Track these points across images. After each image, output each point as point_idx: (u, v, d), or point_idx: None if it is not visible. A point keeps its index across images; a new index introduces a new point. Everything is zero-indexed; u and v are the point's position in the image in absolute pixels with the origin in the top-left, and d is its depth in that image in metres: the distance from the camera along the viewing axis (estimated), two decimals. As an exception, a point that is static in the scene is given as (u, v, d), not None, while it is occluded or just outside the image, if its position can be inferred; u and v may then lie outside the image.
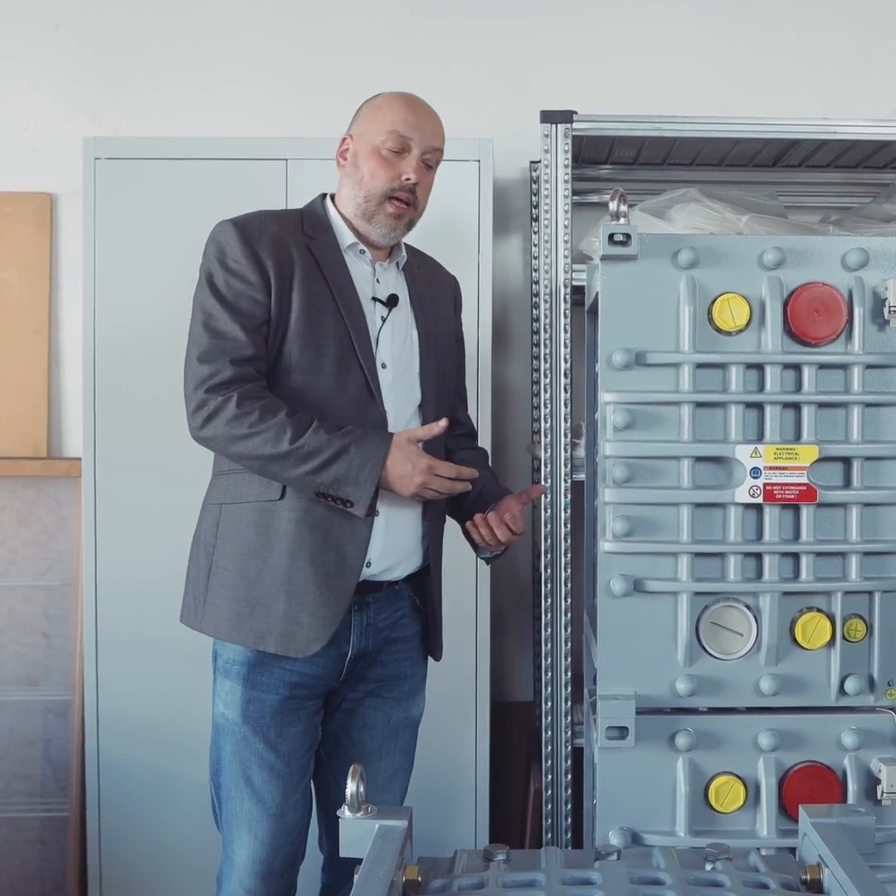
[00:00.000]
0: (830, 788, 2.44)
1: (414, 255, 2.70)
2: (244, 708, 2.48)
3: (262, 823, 2.50)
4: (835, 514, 2.44)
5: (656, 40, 3.74)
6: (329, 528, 2.45)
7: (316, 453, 2.38)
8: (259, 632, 2.45)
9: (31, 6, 3.71)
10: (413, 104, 2.56)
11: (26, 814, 3.53)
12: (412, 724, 2.68)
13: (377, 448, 2.40)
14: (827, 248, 2.44)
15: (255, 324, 2.44)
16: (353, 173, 2.54)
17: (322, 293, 2.48)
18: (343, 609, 2.44)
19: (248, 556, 2.47)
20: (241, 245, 2.46)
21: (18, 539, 3.57)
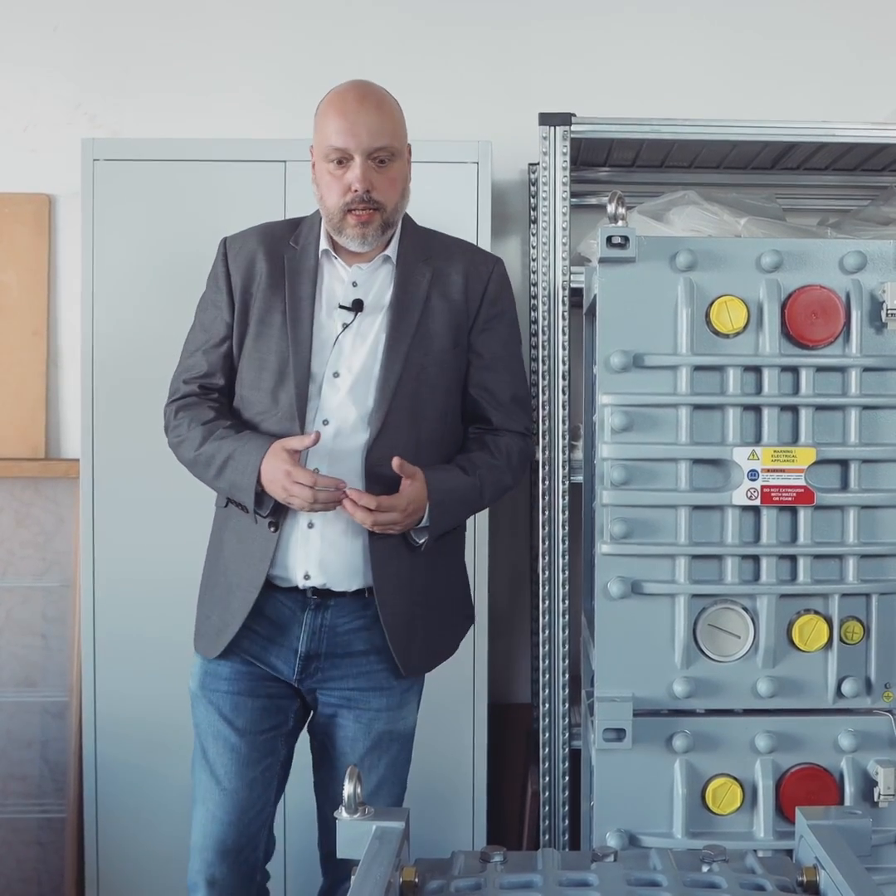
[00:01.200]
0: (827, 790, 2.44)
1: (428, 244, 2.62)
2: (202, 679, 2.55)
3: (213, 796, 2.53)
4: (832, 517, 2.44)
5: (655, 45, 3.74)
6: (247, 539, 2.51)
7: (212, 460, 2.49)
8: (197, 631, 2.61)
9: (31, 8, 3.71)
10: (346, 107, 2.47)
11: (23, 815, 3.52)
12: (400, 738, 2.61)
13: (255, 453, 2.43)
14: (825, 252, 2.44)
15: (215, 340, 2.57)
16: (316, 190, 2.54)
17: (276, 307, 2.51)
18: (240, 620, 2.48)
19: (208, 559, 2.63)
20: (220, 262, 2.59)
21: (16, 540, 3.57)
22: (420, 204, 3.32)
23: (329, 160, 2.47)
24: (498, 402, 2.61)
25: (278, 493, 2.40)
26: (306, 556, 2.48)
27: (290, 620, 2.51)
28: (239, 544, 2.53)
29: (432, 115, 3.68)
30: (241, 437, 2.49)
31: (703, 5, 3.75)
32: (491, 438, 2.60)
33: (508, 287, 2.66)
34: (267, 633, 2.52)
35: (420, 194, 3.34)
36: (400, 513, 2.41)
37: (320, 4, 3.73)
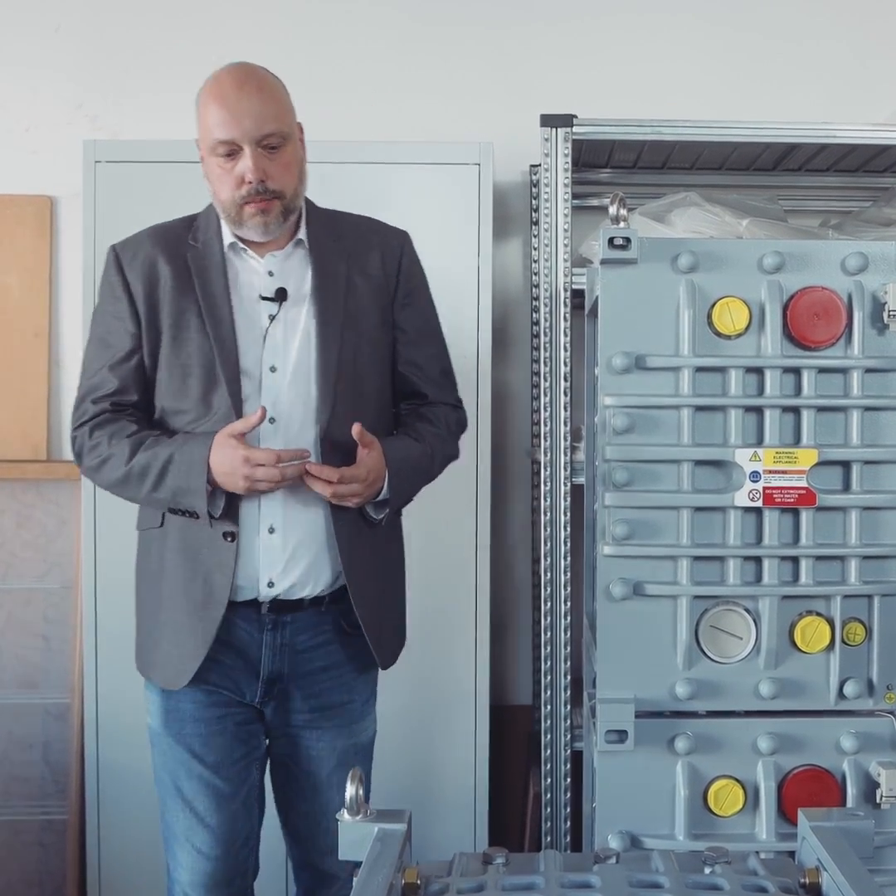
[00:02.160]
0: (829, 792, 2.44)
1: (336, 224, 2.53)
2: (165, 718, 2.46)
3: (198, 834, 2.46)
4: (834, 518, 2.44)
5: (657, 47, 3.74)
6: (199, 556, 2.37)
7: (147, 470, 2.34)
8: (147, 661, 2.48)
9: (32, 9, 3.72)
10: (226, 96, 2.34)
11: (25, 817, 3.52)
12: (362, 750, 2.56)
13: (199, 450, 2.31)
14: (826, 253, 2.44)
15: (121, 355, 2.42)
16: (209, 186, 2.43)
17: (189, 308, 2.39)
18: (209, 640, 2.36)
19: (142, 585, 2.50)
20: (114, 271, 2.45)
21: (18, 542, 3.57)
22: (421, 205, 3.33)
23: (216, 154, 2.35)
24: (428, 376, 2.58)
25: (239, 483, 2.28)
26: (270, 562, 2.38)
27: (248, 643, 2.42)
28: (187, 562, 2.39)
29: (433, 116, 3.69)
30: (177, 440, 2.36)
31: (705, 7, 3.76)
32: (428, 410, 2.56)
33: (419, 260, 2.60)
34: (225, 658, 2.42)
35: (421, 196, 3.35)
36: (360, 483, 2.35)
37: (321, 7, 3.73)
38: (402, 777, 3.26)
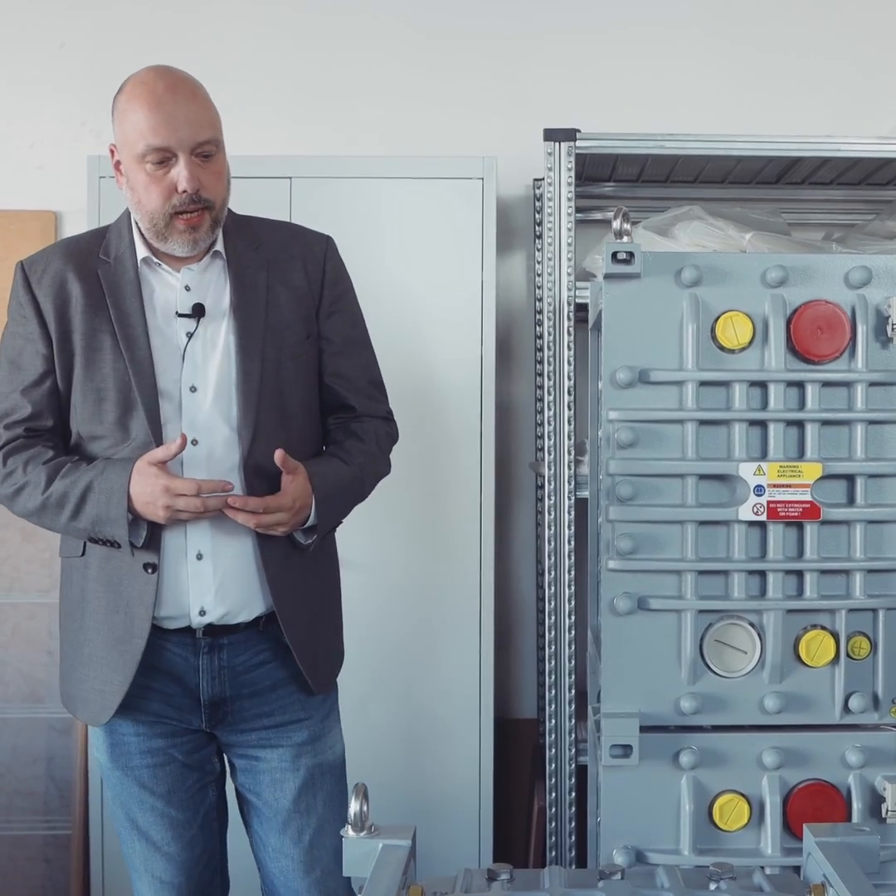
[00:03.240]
0: (835, 806, 2.43)
1: (254, 232, 2.42)
2: (111, 752, 2.36)
3: (157, 863, 2.38)
4: (839, 532, 2.44)
5: (661, 60, 3.75)
6: (119, 587, 2.27)
7: (65, 498, 2.24)
8: (69, 696, 2.39)
9: (37, 25, 3.73)
10: (158, 99, 2.20)
11: (30, 832, 3.52)
12: (331, 770, 2.44)
13: (118, 478, 2.20)
14: (830, 266, 2.44)
15: (33, 378, 2.30)
16: (131, 195, 2.27)
17: (102, 328, 2.27)
18: (130, 675, 2.26)
19: (65, 615, 2.39)
20: (23, 290, 2.31)
21: (22, 556, 3.57)
22: (425, 220, 3.34)
23: (146, 161, 2.20)
24: (356, 387, 2.46)
25: (159, 513, 2.18)
26: (200, 591, 2.28)
27: (184, 669, 2.32)
28: (108, 594, 2.28)
29: (437, 131, 3.70)
30: (96, 466, 2.24)
31: (708, 21, 3.76)
32: (357, 426, 2.45)
33: (344, 265, 2.48)
34: (162, 687, 2.32)
35: (425, 210, 3.36)
36: (286, 512, 2.24)
37: (324, 22, 3.74)
38: (407, 791, 3.26)
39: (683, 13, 3.76)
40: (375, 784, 2.53)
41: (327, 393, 2.45)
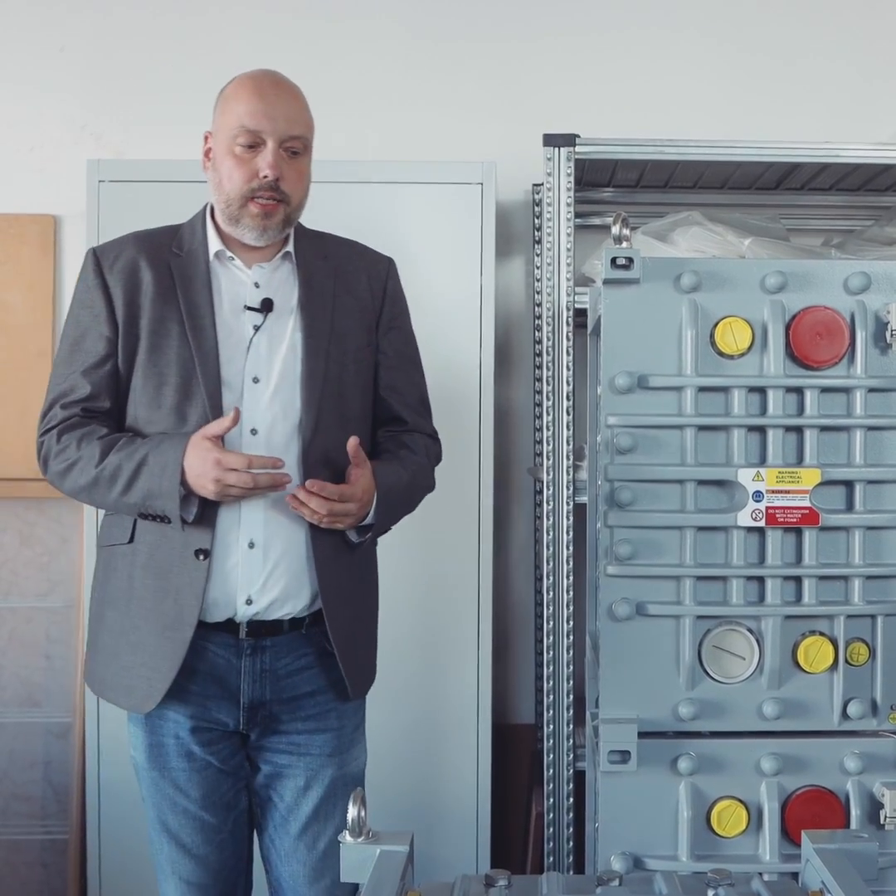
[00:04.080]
0: (833, 813, 2.43)
1: (323, 243, 2.50)
2: (149, 753, 2.38)
3: (185, 866, 2.41)
4: (837, 538, 2.43)
5: (661, 65, 3.75)
6: (170, 575, 2.29)
7: (119, 472, 2.26)
8: (110, 684, 2.38)
9: (37, 28, 3.73)
10: (262, 90, 2.34)
11: (27, 836, 3.52)
12: (354, 781, 2.45)
13: (173, 451, 2.23)
14: (829, 272, 2.44)
15: (95, 359, 2.35)
16: (214, 176, 2.37)
17: (170, 317, 2.33)
18: (178, 662, 2.28)
19: (108, 603, 2.39)
20: (92, 274, 2.37)
21: (20, 560, 3.57)
22: (424, 225, 3.34)
23: (237, 142, 2.31)
24: (407, 403, 2.53)
25: (209, 487, 2.20)
26: (249, 579, 2.31)
27: (226, 670, 2.35)
28: (157, 581, 2.30)
29: (436, 135, 3.71)
30: (151, 440, 2.28)
31: (708, 25, 3.77)
32: (409, 438, 2.51)
33: (402, 287, 2.57)
34: (202, 689, 2.35)
35: (424, 215, 3.36)
36: (356, 503, 2.29)
37: (324, 27, 3.74)
38: (404, 797, 3.26)
39: (683, 18, 3.77)
40: (373, 789, 2.54)
41: (380, 405, 2.51)
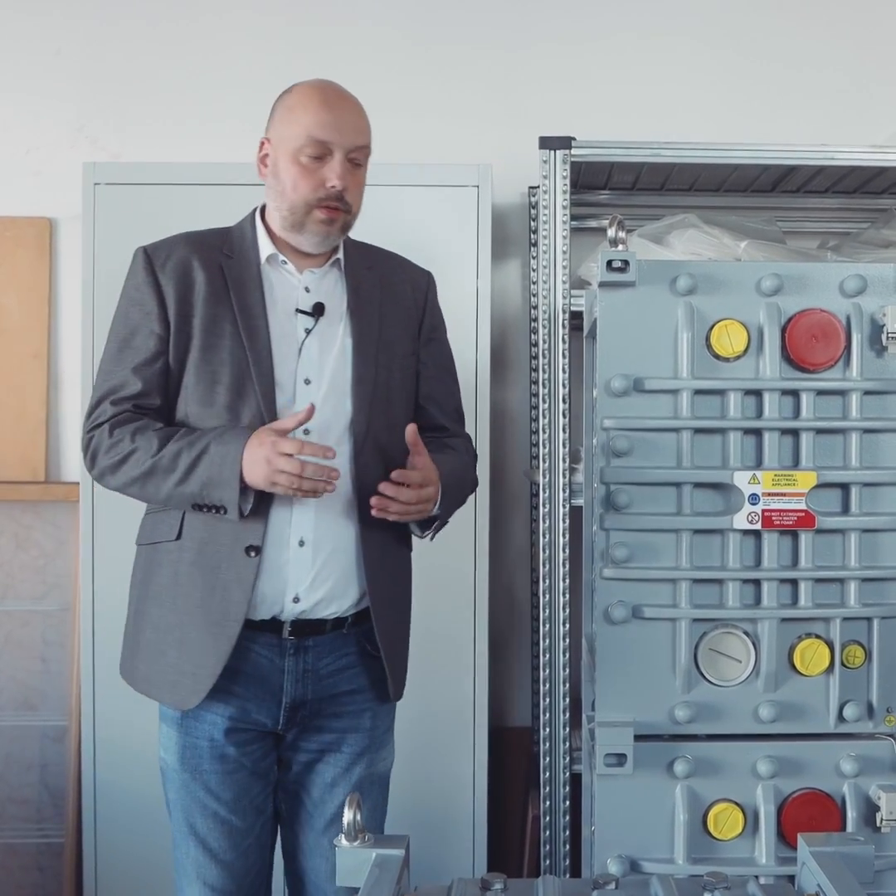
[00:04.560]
0: (829, 815, 2.43)
1: (368, 254, 2.54)
2: (181, 754, 2.38)
3: (211, 871, 2.39)
4: (833, 541, 2.44)
5: (656, 69, 3.75)
6: (218, 571, 2.30)
7: (177, 460, 2.26)
8: (153, 681, 2.38)
9: (33, 32, 3.73)
10: (329, 101, 2.38)
11: (23, 839, 3.51)
12: (379, 782, 2.49)
13: (235, 442, 2.24)
14: (825, 275, 2.44)
15: (147, 357, 2.35)
16: (275, 184, 2.39)
17: (223, 317, 2.35)
18: (223, 659, 2.29)
19: (152, 600, 2.38)
20: (144, 272, 2.38)
21: (16, 563, 3.56)
22: (420, 227, 3.34)
23: (304, 153, 2.34)
24: (445, 411, 2.59)
25: (261, 471, 2.20)
26: (298, 577, 2.33)
27: (269, 670, 2.36)
28: (205, 577, 2.31)
29: (433, 138, 3.70)
30: (214, 430, 2.29)
31: (704, 31, 3.77)
32: (451, 441, 2.57)
33: (438, 299, 2.63)
34: (243, 691, 2.36)
35: (420, 217, 3.36)
36: (434, 486, 2.35)
37: (320, 31, 3.74)
38: (401, 800, 3.24)
39: (678, 22, 3.77)
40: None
41: (420, 414, 2.55)
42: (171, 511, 2.36)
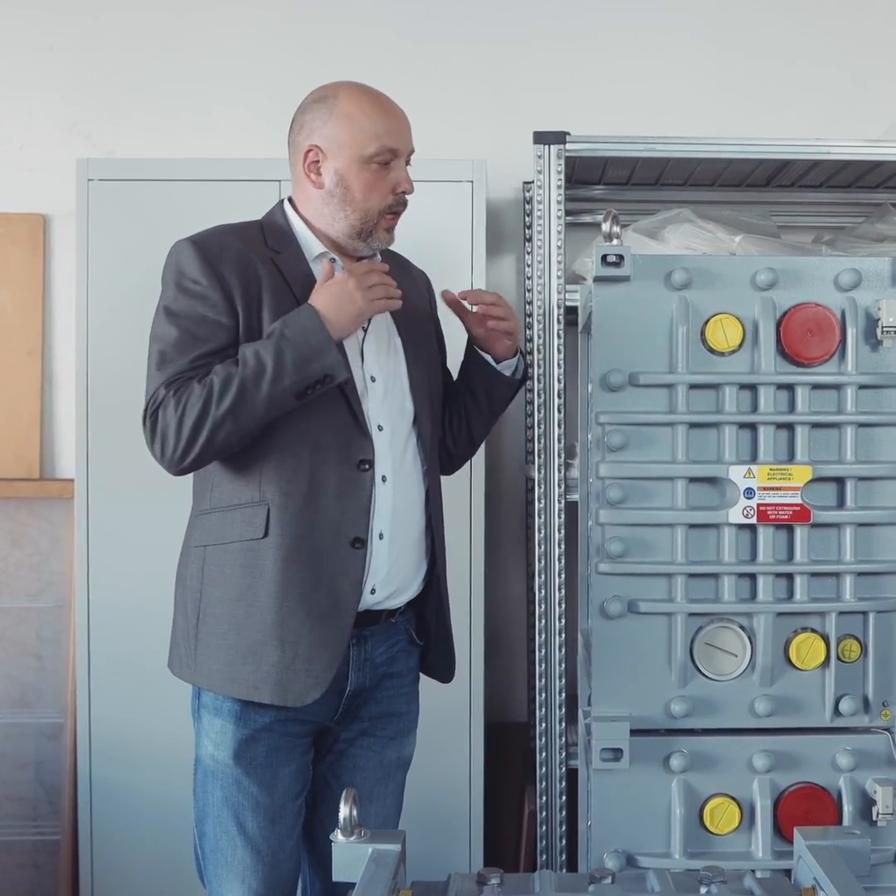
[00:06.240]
0: (825, 809, 2.43)
1: (386, 253, 2.52)
2: (237, 748, 2.32)
3: (256, 873, 2.33)
4: (828, 535, 2.44)
5: (651, 65, 3.75)
6: (320, 563, 2.28)
7: (261, 361, 2.20)
8: (253, 682, 2.29)
9: (26, 28, 3.72)
10: (387, 107, 2.40)
11: (19, 837, 3.51)
12: (404, 765, 2.53)
13: (305, 311, 2.24)
14: (820, 269, 2.45)
15: (214, 347, 2.28)
16: (341, 193, 2.36)
17: (289, 311, 2.28)
18: (342, 650, 2.30)
19: (234, 601, 2.30)
20: (200, 264, 2.31)
21: (11, 560, 3.56)
22: (415, 223, 3.32)
23: (375, 161, 2.35)
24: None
25: (354, 304, 2.26)
26: (375, 569, 2.34)
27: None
28: (306, 571, 2.28)
29: (427, 134, 3.66)
30: (274, 326, 2.25)
31: (699, 26, 3.76)
32: None
33: None
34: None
35: (415, 213, 3.34)
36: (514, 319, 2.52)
37: (314, 28, 3.73)
38: (397, 795, 3.26)
39: (672, 18, 3.76)
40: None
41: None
42: (246, 509, 2.31)
